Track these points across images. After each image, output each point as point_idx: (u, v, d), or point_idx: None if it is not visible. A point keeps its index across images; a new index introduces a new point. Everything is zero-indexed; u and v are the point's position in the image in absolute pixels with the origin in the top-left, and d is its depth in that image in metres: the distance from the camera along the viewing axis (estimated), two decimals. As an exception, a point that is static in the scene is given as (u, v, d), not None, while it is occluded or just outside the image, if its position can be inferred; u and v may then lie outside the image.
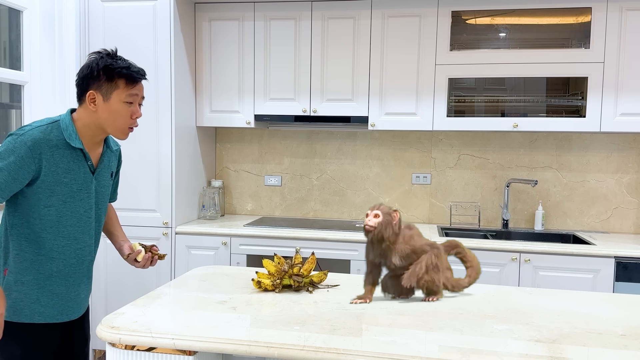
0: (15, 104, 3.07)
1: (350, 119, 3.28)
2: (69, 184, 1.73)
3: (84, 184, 1.77)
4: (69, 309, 1.81)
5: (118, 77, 1.71)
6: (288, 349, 1.37)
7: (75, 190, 1.75)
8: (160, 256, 1.90)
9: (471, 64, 3.12)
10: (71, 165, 1.73)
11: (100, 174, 1.84)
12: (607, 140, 3.33)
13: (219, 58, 3.40)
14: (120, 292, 3.20)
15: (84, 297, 1.88)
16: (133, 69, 1.74)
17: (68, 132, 1.71)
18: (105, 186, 1.87)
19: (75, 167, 1.74)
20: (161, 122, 3.15)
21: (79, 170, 1.75)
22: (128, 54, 3.14)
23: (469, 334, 1.48)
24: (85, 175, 1.77)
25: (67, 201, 1.74)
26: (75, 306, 1.83)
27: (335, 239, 3.06)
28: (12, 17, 3.01)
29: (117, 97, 1.72)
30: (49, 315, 1.76)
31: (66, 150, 1.72)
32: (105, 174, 1.86)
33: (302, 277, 1.86)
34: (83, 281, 1.85)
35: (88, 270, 1.87)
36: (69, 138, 1.71)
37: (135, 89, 1.75)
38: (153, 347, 1.46)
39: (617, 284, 2.78)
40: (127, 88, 1.73)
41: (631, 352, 1.37)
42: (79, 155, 1.75)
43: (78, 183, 1.75)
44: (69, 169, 1.73)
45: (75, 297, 1.83)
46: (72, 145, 1.71)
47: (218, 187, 3.62)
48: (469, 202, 3.51)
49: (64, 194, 1.73)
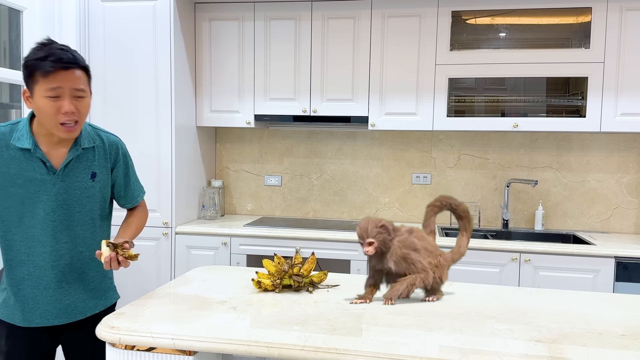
0: (15, 104, 3.07)
1: (350, 119, 3.28)
2: (24, 185, 1.66)
3: (41, 186, 1.67)
4: (48, 314, 1.74)
5: (34, 70, 1.55)
6: (288, 349, 1.37)
7: (32, 191, 1.67)
8: (130, 256, 1.68)
9: (471, 64, 3.12)
10: (24, 166, 1.66)
11: (71, 175, 1.71)
12: (607, 140, 3.33)
13: (219, 58, 3.40)
14: (120, 292, 3.20)
15: (70, 304, 1.77)
16: (50, 59, 1.53)
17: (20, 133, 1.65)
18: (81, 188, 1.73)
19: (30, 168, 1.66)
20: (161, 122, 3.15)
21: (34, 172, 1.67)
22: (128, 54, 3.14)
23: (469, 334, 1.48)
24: (43, 176, 1.67)
25: (26, 202, 1.67)
26: (57, 312, 1.75)
27: (335, 239, 3.06)
28: (12, 17, 3.01)
29: (38, 92, 1.56)
30: (27, 320, 1.72)
31: (17, 151, 1.65)
32: (79, 175, 1.73)
33: (302, 277, 1.86)
34: (62, 287, 1.74)
35: (65, 275, 1.74)
36: (18, 139, 1.65)
37: (55, 81, 1.55)
38: (153, 347, 1.46)
39: (617, 284, 2.78)
40: (46, 81, 1.54)
41: (631, 352, 1.37)
42: (32, 156, 1.66)
43: (35, 184, 1.67)
44: (22, 170, 1.66)
45: (54, 302, 1.74)
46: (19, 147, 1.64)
47: (218, 187, 3.62)
48: (469, 202, 3.51)
49: (20, 195, 1.66)
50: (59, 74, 1.55)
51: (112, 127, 3.18)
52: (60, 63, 1.54)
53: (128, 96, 3.16)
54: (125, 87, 3.16)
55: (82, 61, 1.63)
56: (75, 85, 1.58)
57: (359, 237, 1.78)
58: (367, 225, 1.77)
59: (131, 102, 3.16)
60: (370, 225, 1.76)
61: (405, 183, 3.58)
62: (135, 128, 3.17)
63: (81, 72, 1.61)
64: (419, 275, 1.76)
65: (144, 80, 3.14)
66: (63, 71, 1.55)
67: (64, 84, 1.56)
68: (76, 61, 1.59)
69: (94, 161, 1.76)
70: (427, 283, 1.77)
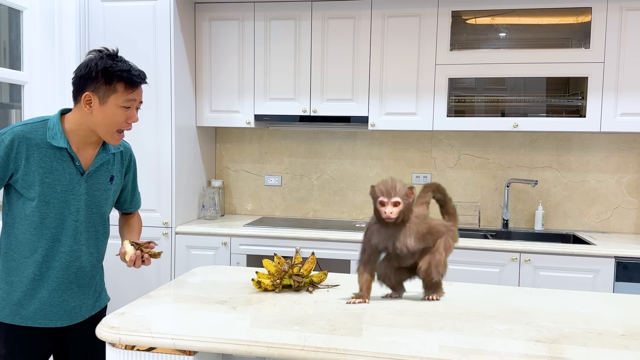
0: (15, 104, 3.07)
1: (350, 119, 3.28)
2: (52, 184, 1.68)
3: (69, 185, 1.71)
4: (52, 315, 1.74)
5: (117, 80, 1.65)
6: (288, 349, 1.37)
7: (59, 191, 1.69)
8: (154, 254, 1.79)
9: (471, 64, 3.12)
10: (54, 166, 1.68)
11: (94, 177, 1.76)
12: (607, 140, 3.33)
13: (219, 58, 3.40)
14: (120, 292, 3.20)
15: (75, 307, 1.79)
16: (134, 73, 1.68)
17: (53, 132, 1.67)
18: (102, 190, 1.79)
19: (60, 168, 1.69)
20: (161, 122, 3.15)
21: (63, 171, 1.69)
22: (128, 54, 3.13)
23: (469, 334, 1.48)
24: (72, 176, 1.71)
25: (50, 202, 1.69)
26: (61, 313, 1.75)
27: (335, 239, 3.06)
28: (12, 17, 3.01)
29: (114, 101, 1.66)
30: (30, 319, 1.72)
31: (49, 150, 1.67)
32: (100, 177, 1.79)
33: (302, 277, 1.86)
34: (71, 288, 1.76)
35: (76, 277, 1.77)
36: (52, 138, 1.66)
37: (134, 94, 1.69)
38: (153, 347, 1.46)
39: (617, 284, 2.78)
40: (126, 92, 1.67)
41: (631, 352, 1.37)
42: (63, 156, 1.69)
43: (62, 184, 1.70)
44: (52, 169, 1.68)
45: (60, 303, 1.75)
46: (55, 145, 1.66)
47: (218, 187, 3.62)
48: (469, 202, 3.51)
49: (46, 194, 1.68)
50: (139, 88, 1.71)
51: (112, 127, 3.18)
52: (141, 78, 1.70)
53: (128, 96, 3.16)
54: (125, 87, 3.16)
55: None
56: (141, 99, 1.75)
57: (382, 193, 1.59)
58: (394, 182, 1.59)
59: (131, 102, 3.16)
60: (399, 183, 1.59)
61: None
62: (136, 128, 3.17)
63: None
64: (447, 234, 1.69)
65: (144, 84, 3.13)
66: (140, 86, 1.72)
67: (138, 97, 1.72)
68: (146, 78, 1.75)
69: (114, 165, 1.83)
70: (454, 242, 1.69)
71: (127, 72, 1.67)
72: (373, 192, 1.68)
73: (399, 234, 1.66)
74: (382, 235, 1.69)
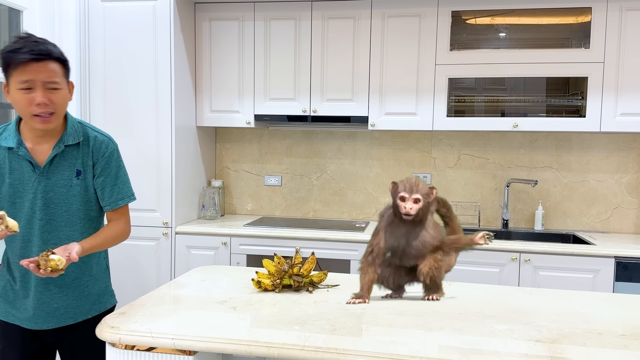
0: (15, 104, 3.07)
1: (350, 119, 3.28)
2: (13, 184, 1.67)
3: (28, 184, 1.67)
4: (37, 318, 1.72)
5: (7, 62, 1.54)
6: (288, 349, 1.37)
7: (20, 190, 1.67)
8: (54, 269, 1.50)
9: (471, 64, 3.12)
10: (14, 165, 1.67)
11: (53, 172, 1.69)
12: (607, 140, 3.33)
13: (219, 58, 3.40)
14: (120, 292, 3.20)
15: (58, 308, 1.74)
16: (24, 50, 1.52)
17: (7, 132, 1.67)
18: (66, 186, 1.70)
19: (18, 167, 1.67)
20: (161, 122, 3.15)
21: (22, 170, 1.67)
22: (128, 54, 3.14)
23: (469, 334, 1.48)
24: (29, 174, 1.67)
25: (15, 202, 1.68)
26: (45, 315, 1.73)
27: (335, 239, 3.06)
28: (12, 17, 3.01)
29: (12, 85, 1.56)
30: (18, 319, 1.73)
31: (4, 150, 1.67)
32: (62, 172, 1.69)
33: (302, 277, 1.86)
34: (50, 289, 1.72)
35: (53, 278, 1.70)
36: (4, 139, 1.67)
37: (25, 73, 1.53)
38: (153, 347, 1.46)
39: (617, 284, 2.78)
40: (19, 73, 1.53)
41: (631, 352, 1.37)
42: (16, 154, 1.67)
43: (22, 183, 1.67)
44: (12, 169, 1.67)
45: (41, 305, 1.72)
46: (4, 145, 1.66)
47: (218, 187, 3.62)
48: (469, 202, 3.51)
49: (10, 194, 1.67)
50: (31, 65, 1.53)
51: (112, 127, 3.18)
52: (32, 54, 1.52)
53: (128, 96, 3.16)
54: (125, 87, 3.16)
55: (56, 53, 1.59)
56: (47, 78, 1.56)
57: (404, 188, 1.61)
58: (418, 180, 1.61)
59: (131, 102, 3.16)
60: (423, 182, 1.62)
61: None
62: (135, 128, 3.17)
63: (56, 64, 1.59)
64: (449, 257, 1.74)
65: (143, 80, 3.14)
66: (35, 63, 1.53)
67: (35, 76, 1.54)
68: (49, 53, 1.56)
69: (79, 159, 1.72)
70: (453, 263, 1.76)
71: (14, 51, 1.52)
72: (395, 188, 1.68)
73: (415, 231, 1.67)
74: (397, 235, 1.70)
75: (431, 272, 1.71)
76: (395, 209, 1.69)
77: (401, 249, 1.72)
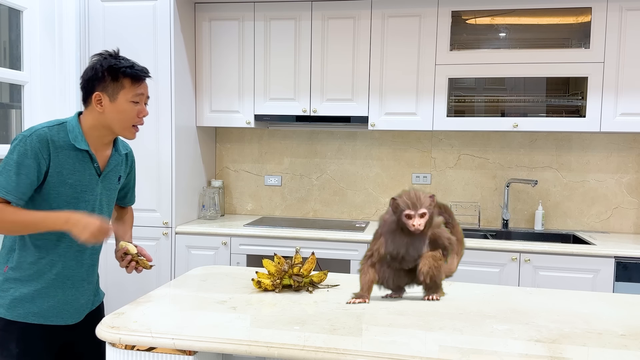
0: (15, 104, 3.07)
1: (350, 119, 3.28)
2: (74, 185, 1.73)
3: (89, 186, 1.77)
4: (64, 313, 1.78)
5: (123, 76, 1.72)
6: (288, 349, 1.37)
7: (79, 191, 1.74)
8: (146, 266, 1.83)
9: (471, 64, 3.12)
10: (77, 167, 1.73)
11: (107, 177, 1.83)
12: (607, 140, 3.33)
13: (219, 58, 3.40)
14: (120, 292, 3.20)
15: (84, 303, 1.84)
16: (137, 68, 1.75)
17: (74, 134, 1.72)
18: (112, 189, 1.86)
19: (81, 169, 1.74)
20: (161, 122, 3.15)
21: (84, 172, 1.75)
22: (128, 54, 3.12)
23: (469, 334, 1.48)
24: (91, 177, 1.77)
25: (71, 202, 1.73)
26: (73, 311, 1.80)
27: (335, 239, 3.06)
28: (12, 17, 3.01)
29: (123, 97, 1.73)
30: (42, 317, 1.74)
31: (72, 151, 1.72)
32: (112, 177, 1.85)
33: (302, 277, 1.86)
34: (82, 285, 1.82)
35: (88, 274, 1.83)
36: (74, 140, 1.71)
37: (140, 88, 1.76)
38: (153, 347, 1.46)
39: (617, 284, 2.78)
40: (133, 87, 1.74)
41: (631, 352, 1.37)
42: (84, 157, 1.75)
43: (83, 185, 1.75)
44: (75, 170, 1.73)
45: (73, 301, 1.79)
46: (78, 147, 1.71)
47: (218, 187, 3.62)
48: (469, 202, 3.51)
49: (68, 195, 1.72)
50: (144, 82, 1.78)
51: (112, 127, 3.18)
52: (144, 72, 1.77)
53: (128, 96, 3.16)
54: (125, 87, 3.16)
55: None
56: (148, 93, 1.82)
57: (408, 206, 1.61)
58: (417, 193, 1.60)
59: (131, 102, 3.16)
60: (422, 194, 1.61)
61: (405, 183, 3.58)
62: (135, 128, 3.17)
63: None
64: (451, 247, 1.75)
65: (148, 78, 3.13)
66: (145, 80, 1.78)
67: (145, 91, 1.79)
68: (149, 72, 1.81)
69: (121, 165, 1.90)
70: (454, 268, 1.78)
71: (130, 67, 1.74)
72: (396, 205, 1.68)
73: (416, 242, 1.70)
74: (397, 243, 1.71)
75: (431, 272, 1.72)
76: (401, 225, 1.68)
77: (401, 256, 1.74)
